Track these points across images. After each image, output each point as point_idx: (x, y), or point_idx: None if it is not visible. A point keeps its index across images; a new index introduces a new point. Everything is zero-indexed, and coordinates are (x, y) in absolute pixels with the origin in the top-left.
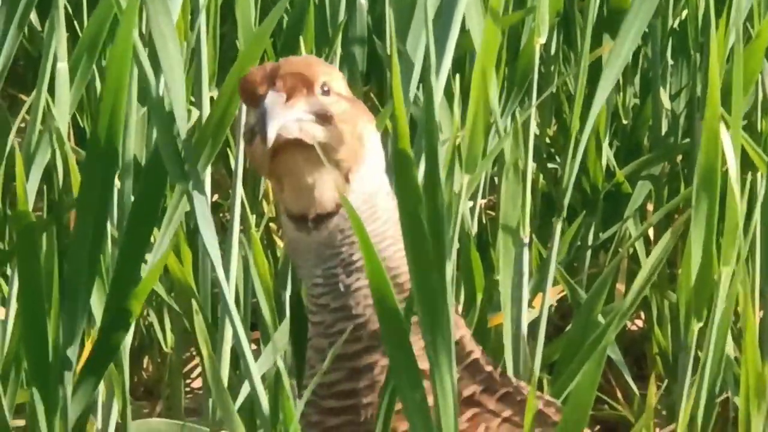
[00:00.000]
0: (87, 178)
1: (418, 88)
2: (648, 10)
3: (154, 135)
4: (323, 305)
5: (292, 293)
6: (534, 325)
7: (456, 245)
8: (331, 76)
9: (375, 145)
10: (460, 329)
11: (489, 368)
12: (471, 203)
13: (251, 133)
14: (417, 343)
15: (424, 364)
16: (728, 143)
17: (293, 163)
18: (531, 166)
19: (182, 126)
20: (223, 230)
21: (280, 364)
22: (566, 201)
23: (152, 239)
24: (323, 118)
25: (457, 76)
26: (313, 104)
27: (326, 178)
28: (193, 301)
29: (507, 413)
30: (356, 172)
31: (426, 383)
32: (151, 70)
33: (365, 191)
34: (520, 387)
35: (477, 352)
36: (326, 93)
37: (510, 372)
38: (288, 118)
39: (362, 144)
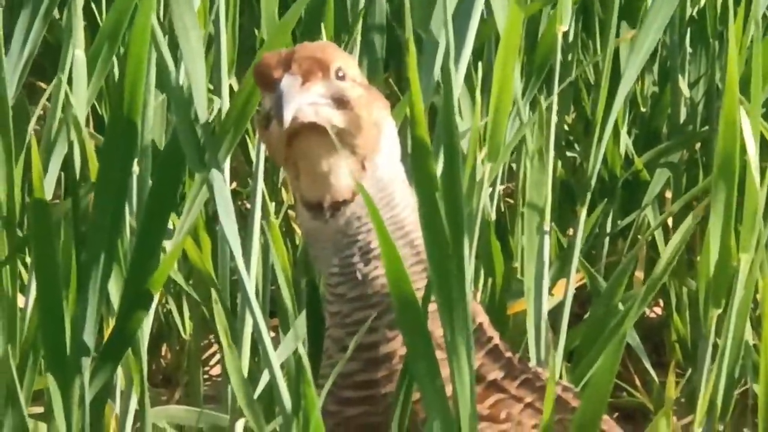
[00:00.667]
0: (104, 164)
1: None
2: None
3: (173, 122)
4: (340, 295)
5: (308, 282)
6: (554, 313)
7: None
8: (346, 61)
9: (391, 132)
10: (479, 315)
11: (508, 354)
12: (490, 190)
13: (267, 118)
14: (435, 331)
15: (442, 353)
16: (748, 130)
17: (309, 148)
18: (552, 152)
19: (202, 115)
20: (241, 218)
21: (302, 351)
22: (589, 192)
23: (172, 226)
24: (339, 102)
25: (479, 63)
26: (329, 88)
27: (342, 163)
28: (213, 291)
29: (528, 399)
30: (372, 159)
31: (444, 372)
32: (171, 58)
33: (382, 178)
34: (538, 373)
35: (496, 338)
36: (341, 78)
37: (533, 359)
38: (304, 101)
39: (378, 130)
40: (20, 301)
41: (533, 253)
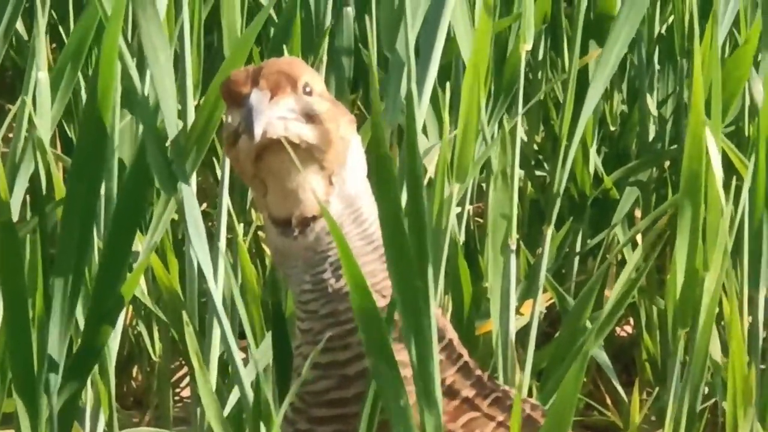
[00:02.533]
0: (72, 185)
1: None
2: (636, 16)
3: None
4: (312, 311)
5: (273, 303)
6: (522, 332)
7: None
8: (313, 76)
9: (357, 148)
10: (448, 332)
11: (478, 372)
12: (459, 209)
13: (234, 135)
14: (401, 351)
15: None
16: (713, 148)
17: (277, 164)
18: (518, 173)
19: (172, 135)
20: (211, 239)
21: (261, 372)
22: (555, 210)
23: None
24: (308, 116)
25: (447, 84)
26: (298, 102)
27: (310, 179)
28: (183, 313)
29: (500, 417)
30: (339, 174)
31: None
32: (138, 78)
33: (349, 194)
34: (507, 392)
35: (466, 356)
36: (309, 93)
37: (500, 378)
38: (273, 116)
39: (345, 145)
40: None
41: (498, 273)
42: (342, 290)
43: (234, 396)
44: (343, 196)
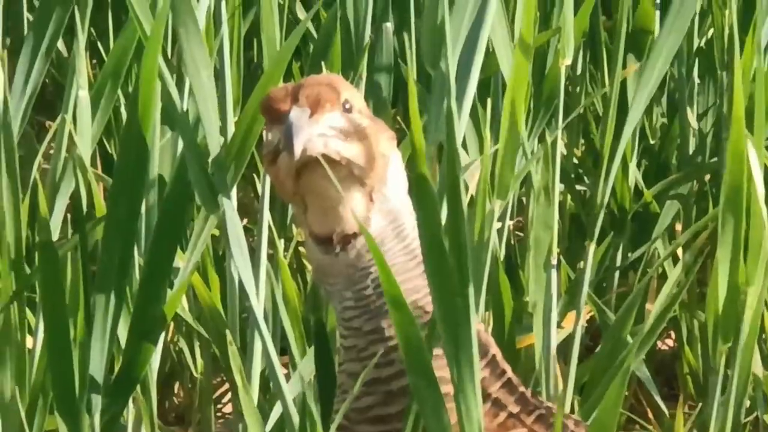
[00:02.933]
0: (113, 203)
1: None
2: (680, 30)
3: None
4: (356, 328)
5: (316, 320)
6: (564, 346)
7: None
8: (352, 93)
9: (398, 164)
10: (492, 348)
11: (521, 388)
12: (499, 224)
13: (274, 153)
14: (444, 368)
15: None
16: (755, 163)
17: (317, 181)
18: (558, 187)
19: (215, 153)
20: (251, 255)
21: (307, 391)
22: (598, 226)
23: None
24: (348, 133)
25: (487, 99)
26: (338, 119)
27: (351, 196)
28: (227, 332)
29: None
30: (380, 191)
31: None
32: (178, 95)
33: (390, 209)
34: (551, 408)
35: (509, 372)
36: (349, 110)
37: (543, 393)
38: (313, 133)
39: (386, 161)
40: (29, 342)
41: (541, 288)
42: (384, 307)
43: (276, 412)
44: (384, 211)
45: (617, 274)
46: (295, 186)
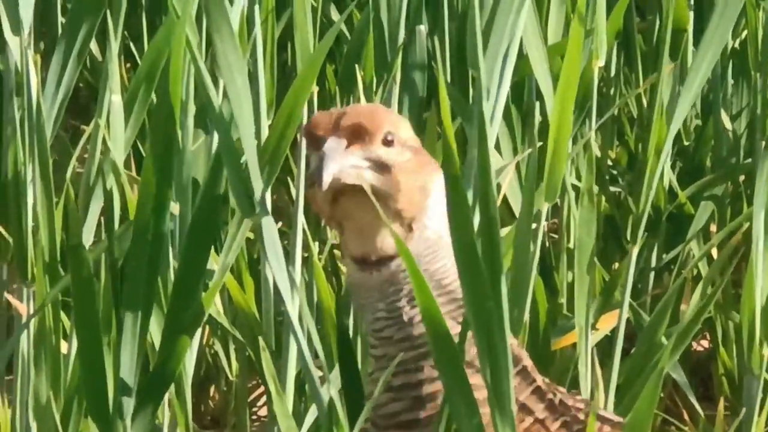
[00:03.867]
0: (141, 207)
1: None
2: (724, 31)
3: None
4: (387, 338)
5: (338, 324)
6: (598, 348)
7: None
8: (397, 125)
9: (439, 193)
10: (524, 359)
11: (549, 396)
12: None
13: (312, 178)
14: (475, 375)
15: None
16: None
17: (352, 209)
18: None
19: (251, 157)
20: (285, 257)
21: (334, 394)
22: (641, 228)
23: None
24: (381, 167)
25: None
26: (372, 152)
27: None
28: (260, 339)
29: None
30: (419, 221)
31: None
32: (215, 97)
33: (428, 237)
34: (576, 415)
35: (539, 381)
36: (389, 143)
37: (584, 395)
38: (345, 164)
39: (425, 194)
40: (64, 347)
41: (584, 292)
42: (415, 318)
43: (311, 416)
44: (422, 240)
45: (652, 275)
46: (332, 211)
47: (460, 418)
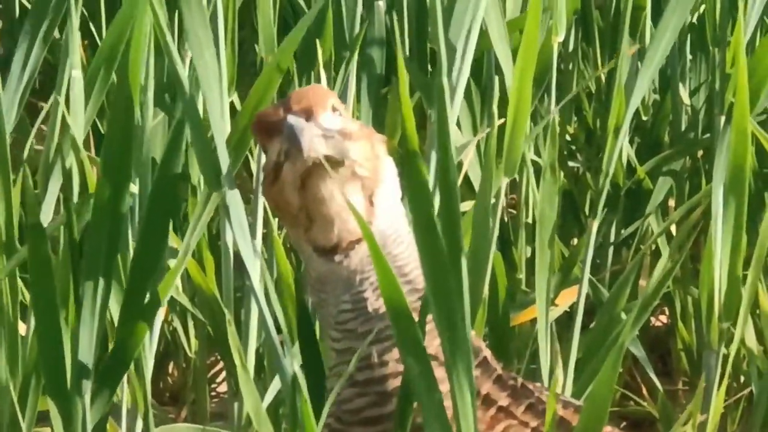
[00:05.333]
0: (100, 183)
1: None
2: (684, 7)
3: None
4: (350, 330)
5: (298, 301)
6: (556, 324)
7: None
8: (337, 100)
9: (390, 166)
10: (483, 350)
11: (512, 382)
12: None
13: (275, 169)
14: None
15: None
16: None
17: (322, 188)
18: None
19: (219, 133)
20: None
21: (297, 370)
22: (601, 203)
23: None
24: (345, 134)
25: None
26: (334, 121)
27: (354, 200)
28: (226, 311)
29: (534, 423)
30: (378, 195)
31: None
32: (185, 72)
33: (389, 213)
34: (541, 398)
35: (499, 369)
36: (339, 115)
37: (544, 370)
38: (315, 133)
39: (380, 163)
40: (22, 329)
41: (545, 266)
42: (380, 309)
43: (271, 392)
44: (384, 217)
45: (611, 250)
46: (301, 197)
47: (421, 395)
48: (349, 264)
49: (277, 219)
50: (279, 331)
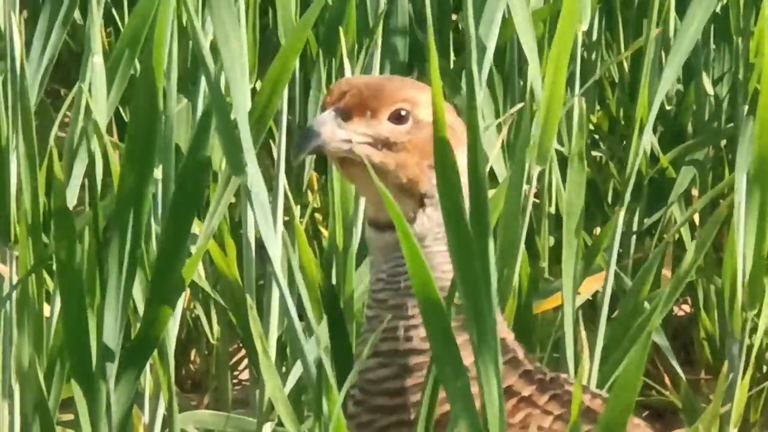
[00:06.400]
0: (124, 170)
1: None
2: None
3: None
4: (381, 300)
5: (326, 286)
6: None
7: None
8: (416, 101)
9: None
10: (514, 351)
11: (540, 376)
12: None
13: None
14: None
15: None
16: None
17: (356, 177)
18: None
19: (243, 120)
20: None
21: (323, 355)
22: (628, 192)
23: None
24: (383, 143)
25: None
26: (373, 128)
27: (396, 197)
28: (247, 296)
29: (557, 412)
30: (433, 197)
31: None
32: (212, 59)
33: (439, 215)
34: (568, 390)
35: (529, 365)
36: (400, 119)
37: (569, 358)
38: (335, 137)
39: (425, 173)
40: (46, 310)
41: (572, 254)
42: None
43: (293, 377)
44: (433, 217)
45: (633, 239)
46: (342, 172)
47: (447, 380)
48: (389, 238)
49: (298, 206)
50: (301, 318)
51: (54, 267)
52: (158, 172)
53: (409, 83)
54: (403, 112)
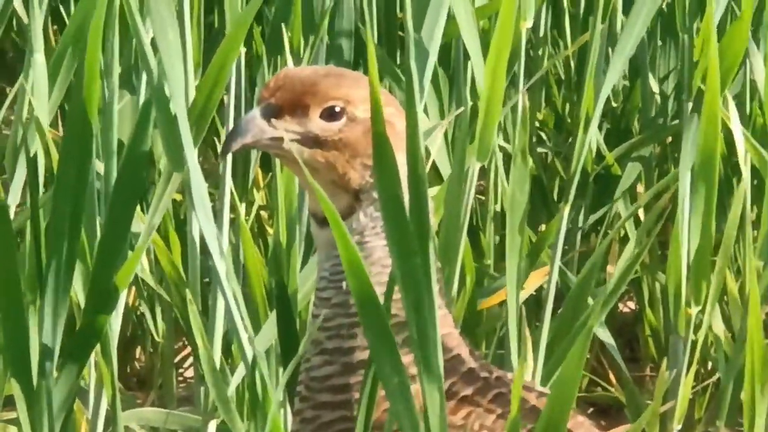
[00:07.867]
0: (62, 166)
1: None
2: None
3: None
4: (325, 299)
5: (277, 282)
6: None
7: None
8: (352, 97)
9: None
10: (456, 348)
11: (484, 374)
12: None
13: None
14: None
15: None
16: (737, 126)
17: (294, 172)
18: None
19: (181, 115)
20: (214, 219)
21: (260, 355)
22: (573, 189)
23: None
24: (314, 140)
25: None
26: (303, 126)
27: (331, 192)
28: (187, 291)
29: (500, 411)
30: (368, 192)
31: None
32: (153, 55)
33: (377, 209)
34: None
35: (465, 351)
36: (333, 116)
37: (513, 354)
38: (263, 135)
39: (357, 170)
40: None
41: (515, 250)
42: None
43: (238, 375)
44: (370, 210)
45: (579, 235)
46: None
47: (385, 378)
48: (329, 234)
49: (243, 204)
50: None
51: None
52: (101, 167)
53: (351, 79)
54: (336, 109)
